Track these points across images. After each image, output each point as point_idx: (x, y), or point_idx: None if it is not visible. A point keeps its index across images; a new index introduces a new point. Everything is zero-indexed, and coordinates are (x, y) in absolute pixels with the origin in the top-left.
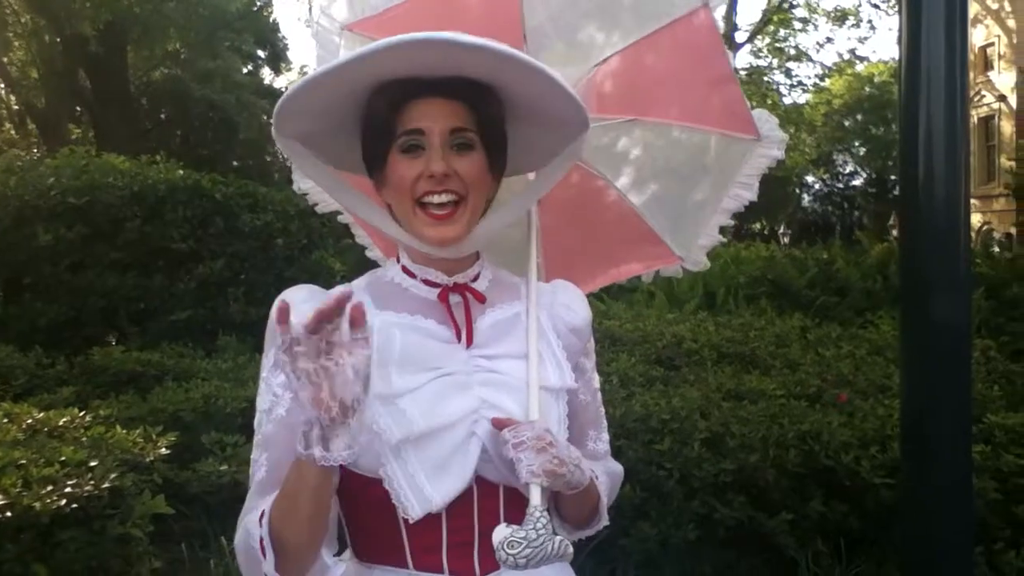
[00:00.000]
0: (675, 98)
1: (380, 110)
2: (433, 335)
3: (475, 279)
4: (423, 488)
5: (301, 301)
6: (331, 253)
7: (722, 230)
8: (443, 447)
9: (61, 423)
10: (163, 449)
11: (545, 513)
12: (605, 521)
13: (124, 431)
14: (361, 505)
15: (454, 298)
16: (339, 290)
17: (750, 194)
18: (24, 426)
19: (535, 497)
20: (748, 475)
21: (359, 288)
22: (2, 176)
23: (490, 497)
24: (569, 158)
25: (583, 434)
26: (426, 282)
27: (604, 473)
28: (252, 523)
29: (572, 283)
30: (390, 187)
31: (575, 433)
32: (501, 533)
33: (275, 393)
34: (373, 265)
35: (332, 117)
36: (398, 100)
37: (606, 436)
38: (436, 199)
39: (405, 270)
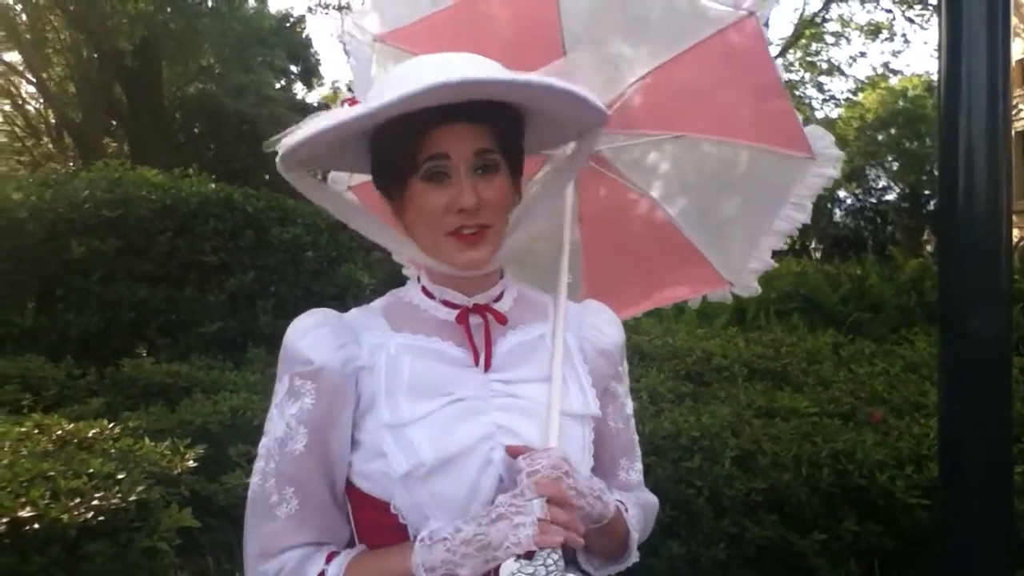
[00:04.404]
0: (719, 113)
1: (399, 140)
2: (448, 359)
3: (498, 299)
4: (435, 523)
5: (314, 327)
6: (360, 266)
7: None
8: (457, 476)
9: (90, 435)
10: (191, 462)
11: (557, 548)
12: (635, 557)
13: (152, 443)
14: (376, 531)
15: (474, 319)
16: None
17: (804, 216)
18: (54, 437)
19: None
20: (780, 494)
21: (376, 310)
22: (37, 189)
23: None
24: (583, 154)
25: (614, 463)
26: (445, 303)
27: (636, 505)
28: None
29: (614, 305)
30: (413, 214)
31: (605, 462)
32: (508, 568)
33: (288, 424)
34: (403, 277)
35: (340, 142)
36: (418, 129)
37: (639, 465)
38: (467, 231)
39: (425, 291)
